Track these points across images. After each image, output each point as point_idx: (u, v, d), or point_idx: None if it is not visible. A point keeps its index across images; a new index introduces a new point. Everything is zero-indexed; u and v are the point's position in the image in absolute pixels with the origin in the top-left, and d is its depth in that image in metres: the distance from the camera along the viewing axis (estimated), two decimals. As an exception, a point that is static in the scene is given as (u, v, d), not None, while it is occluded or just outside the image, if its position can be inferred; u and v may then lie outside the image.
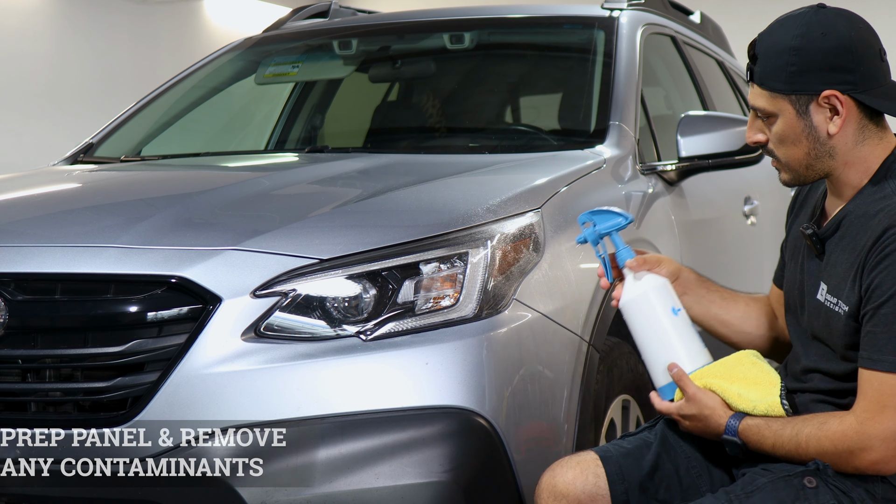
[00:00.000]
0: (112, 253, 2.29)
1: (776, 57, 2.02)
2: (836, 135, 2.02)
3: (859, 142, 2.04)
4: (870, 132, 2.04)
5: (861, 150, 2.04)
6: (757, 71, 2.05)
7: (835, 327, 2.02)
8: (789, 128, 2.04)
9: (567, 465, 2.13)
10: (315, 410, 2.15)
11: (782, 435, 2.00)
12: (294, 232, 2.35)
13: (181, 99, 3.97)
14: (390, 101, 4.25)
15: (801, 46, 2.00)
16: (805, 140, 2.03)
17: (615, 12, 3.70)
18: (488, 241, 2.33)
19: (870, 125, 2.04)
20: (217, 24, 8.52)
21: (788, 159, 2.07)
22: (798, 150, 2.05)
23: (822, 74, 1.99)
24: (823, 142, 2.03)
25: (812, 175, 2.08)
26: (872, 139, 2.04)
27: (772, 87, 2.03)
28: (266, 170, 3.29)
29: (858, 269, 1.97)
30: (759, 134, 2.09)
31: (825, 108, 2.01)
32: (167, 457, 2.16)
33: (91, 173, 3.32)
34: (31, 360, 2.26)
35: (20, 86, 6.96)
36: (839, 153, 2.04)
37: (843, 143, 2.03)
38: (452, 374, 2.19)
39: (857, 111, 2.02)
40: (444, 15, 4.13)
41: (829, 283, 2.04)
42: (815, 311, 2.08)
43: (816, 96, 2.00)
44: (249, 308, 2.20)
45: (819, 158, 2.05)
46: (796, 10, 2.05)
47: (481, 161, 3.06)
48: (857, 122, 2.02)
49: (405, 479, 2.13)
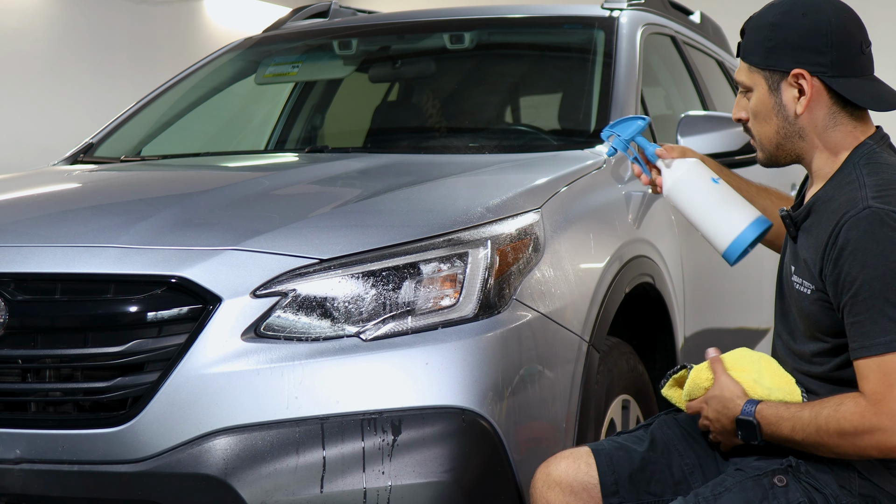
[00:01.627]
0: (112, 253, 2.29)
1: (757, 31, 2.09)
2: (803, 115, 2.07)
3: (829, 127, 2.07)
4: (842, 119, 2.08)
5: (832, 135, 2.08)
6: (742, 45, 2.12)
7: (802, 307, 2.07)
8: (762, 103, 2.10)
9: (561, 457, 2.18)
10: (315, 410, 2.15)
11: (801, 417, 1.98)
12: (294, 232, 2.35)
13: (181, 99, 3.97)
14: (390, 101, 4.25)
15: (779, 23, 2.06)
16: (775, 117, 2.09)
17: (615, 12, 3.70)
18: (488, 241, 2.33)
19: (842, 112, 2.07)
20: (217, 24, 8.52)
21: (761, 136, 2.14)
22: (769, 128, 2.11)
23: (794, 53, 2.05)
24: (791, 121, 2.08)
25: (783, 155, 2.13)
26: (845, 126, 2.08)
27: (750, 61, 2.10)
28: (266, 170, 3.29)
29: (820, 256, 2.00)
30: (742, 111, 2.16)
31: (794, 87, 2.06)
32: (167, 457, 2.16)
33: (91, 173, 3.32)
34: (31, 360, 2.26)
35: (20, 85, 6.96)
36: (808, 135, 2.08)
37: (811, 126, 2.08)
38: (452, 374, 2.19)
39: (827, 96, 2.06)
40: (444, 15, 4.13)
41: (797, 266, 2.09)
42: (789, 292, 2.13)
43: (787, 74, 2.06)
44: (249, 308, 2.20)
45: (788, 138, 2.10)
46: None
47: (481, 161, 3.06)
48: (828, 106, 2.07)
49: (405, 479, 2.13)
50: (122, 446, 2.18)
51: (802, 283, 2.06)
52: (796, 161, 2.13)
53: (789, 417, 2.00)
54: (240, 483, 2.12)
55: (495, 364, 2.24)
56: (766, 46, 2.07)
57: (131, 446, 2.18)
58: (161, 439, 2.17)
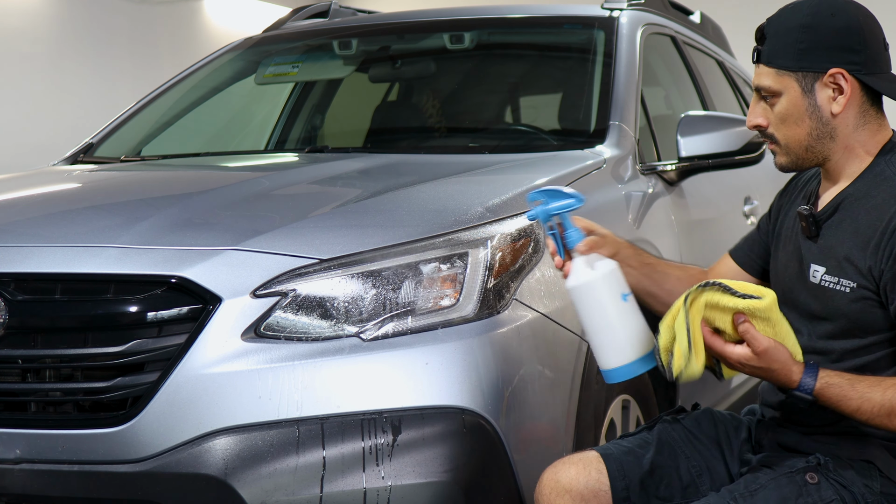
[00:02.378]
0: (112, 253, 2.29)
1: (786, 34, 2.06)
2: (839, 115, 2.05)
3: (859, 125, 2.07)
4: (870, 117, 2.08)
5: (860, 134, 2.08)
6: (765, 50, 2.08)
7: (837, 306, 2.04)
8: (793, 106, 2.07)
9: (569, 462, 2.14)
10: (315, 410, 2.15)
11: (872, 398, 1.94)
12: (294, 232, 2.35)
13: (181, 99, 3.97)
14: (390, 101, 4.25)
15: (811, 24, 2.04)
16: (808, 119, 2.07)
17: (615, 12, 3.70)
18: (488, 241, 2.33)
19: (871, 110, 2.08)
20: (217, 24, 8.52)
21: (789, 140, 2.10)
22: (800, 130, 2.08)
23: (829, 53, 2.03)
24: (826, 121, 2.06)
25: (811, 157, 2.10)
26: (872, 124, 2.08)
27: (779, 65, 2.06)
28: (266, 170, 3.29)
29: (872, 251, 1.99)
30: (761, 118, 2.11)
31: (830, 87, 2.05)
32: (167, 457, 2.16)
33: (91, 173, 3.32)
34: (31, 360, 2.26)
35: (20, 85, 6.96)
36: (840, 135, 2.07)
37: (844, 125, 2.06)
38: (452, 374, 2.19)
39: (861, 93, 2.06)
40: (444, 15, 4.13)
41: (828, 265, 2.06)
42: (812, 292, 2.09)
43: (822, 74, 2.04)
44: (249, 308, 2.20)
45: (820, 139, 2.07)
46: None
47: (481, 161, 3.06)
48: (860, 104, 2.06)
49: (405, 479, 2.13)
50: (122, 446, 2.18)
51: (839, 281, 2.03)
52: (821, 163, 2.11)
53: (856, 398, 1.95)
54: (240, 483, 2.12)
55: (495, 364, 2.24)
56: (798, 48, 2.04)
57: (131, 446, 2.18)
58: (161, 439, 2.17)
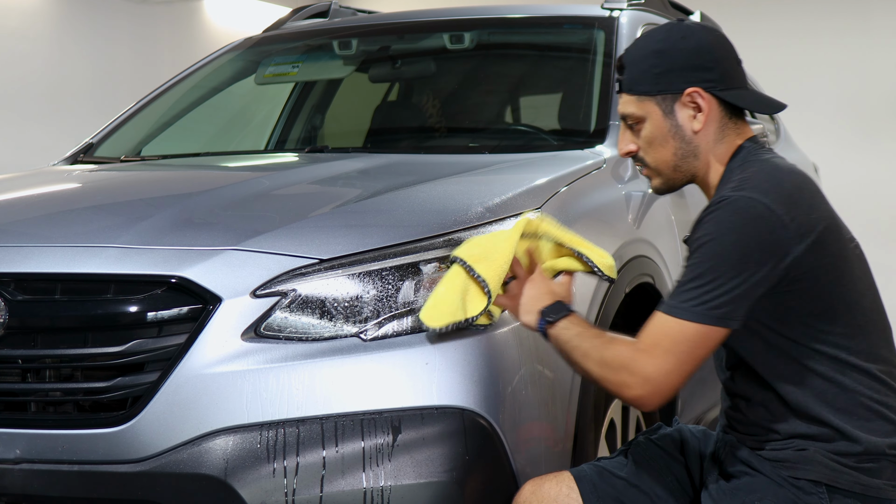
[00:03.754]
0: (112, 253, 2.29)
1: (641, 61, 2.14)
2: (700, 132, 2.12)
3: (719, 140, 2.13)
4: (728, 131, 2.14)
5: (720, 148, 2.14)
6: (625, 79, 2.17)
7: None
8: (657, 129, 2.14)
9: (545, 479, 2.19)
10: (315, 410, 2.15)
11: (580, 347, 2.06)
12: (294, 232, 2.34)
13: (181, 99, 3.97)
14: (390, 101, 4.25)
15: (663, 49, 2.12)
16: (672, 140, 2.13)
17: (615, 12, 3.70)
18: None
19: (729, 123, 2.14)
20: (217, 24, 8.52)
21: (657, 163, 2.17)
22: (666, 151, 2.15)
23: (684, 73, 2.11)
24: (689, 140, 2.13)
25: (679, 177, 2.17)
26: (730, 137, 2.14)
27: (639, 91, 2.14)
28: (266, 170, 3.29)
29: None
30: (631, 144, 2.19)
31: (689, 106, 2.12)
32: (167, 457, 2.16)
33: (91, 173, 3.32)
34: (31, 360, 2.26)
35: (20, 86, 6.96)
36: (702, 152, 2.14)
37: (705, 142, 2.13)
38: (452, 374, 2.19)
39: (719, 109, 2.13)
40: (444, 15, 4.13)
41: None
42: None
43: (680, 95, 2.11)
44: (249, 308, 2.20)
45: (685, 158, 2.14)
46: (660, 25, 2.20)
47: (481, 161, 3.06)
48: (719, 120, 2.13)
49: (405, 479, 2.13)
50: (122, 446, 2.18)
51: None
52: (691, 181, 2.18)
53: (577, 346, 2.07)
54: (240, 483, 2.12)
55: (495, 364, 2.24)
56: (654, 73, 2.12)
57: (131, 446, 2.18)
58: (161, 439, 2.17)
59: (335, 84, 4.46)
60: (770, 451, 2.05)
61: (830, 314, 2.01)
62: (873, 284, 2.12)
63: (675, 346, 1.97)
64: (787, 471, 2.02)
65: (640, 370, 1.97)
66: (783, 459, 2.03)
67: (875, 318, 2.07)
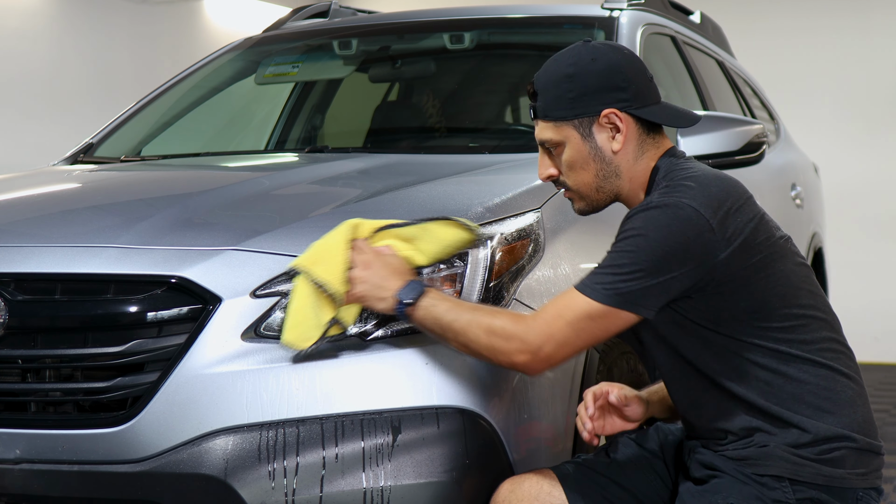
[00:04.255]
0: (112, 253, 2.29)
1: (554, 87, 2.15)
2: (620, 151, 2.14)
3: (639, 156, 2.16)
4: (647, 147, 2.16)
5: (640, 164, 2.16)
6: (539, 106, 2.17)
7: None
8: (576, 152, 2.15)
9: (524, 477, 2.19)
10: (315, 410, 2.15)
11: (459, 320, 2.08)
12: (294, 232, 2.35)
13: (181, 99, 3.97)
14: (390, 101, 4.25)
15: (574, 73, 2.13)
16: (592, 162, 2.15)
17: (615, 12, 3.70)
18: (488, 241, 2.33)
19: (647, 139, 2.17)
20: (217, 24, 8.52)
21: (579, 185, 2.19)
22: (587, 174, 2.17)
23: (598, 95, 2.12)
24: (609, 160, 2.15)
25: (603, 198, 2.19)
26: (650, 152, 2.17)
27: (556, 117, 2.15)
28: (266, 170, 3.29)
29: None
30: (551, 168, 2.21)
31: (606, 127, 2.14)
32: (167, 457, 2.16)
33: (91, 173, 3.32)
34: (31, 360, 2.26)
35: (20, 86, 6.95)
36: (623, 171, 2.16)
37: (625, 160, 2.15)
38: (452, 374, 2.19)
39: (636, 127, 2.15)
40: (444, 15, 4.12)
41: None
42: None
43: (597, 116, 2.13)
44: (249, 308, 2.20)
45: (607, 178, 2.16)
46: (566, 48, 2.19)
47: (481, 161, 3.06)
48: (637, 137, 2.15)
49: (405, 479, 2.13)
50: (122, 446, 2.18)
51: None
52: (614, 200, 2.20)
53: (449, 321, 2.09)
54: (240, 483, 2.12)
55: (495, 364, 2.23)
56: (568, 98, 2.13)
57: (131, 446, 2.18)
58: (161, 439, 2.17)
59: (335, 84, 4.46)
60: (733, 451, 2.07)
61: (765, 309, 2.04)
62: (809, 275, 2.14)
63: (578, 321, 2.02)
64: (750, 468, 2.04)
65: (534, 338, 2.03)
66: (745, 457, 2.05)
67: (816, 306, 2.10)
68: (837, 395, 2.04)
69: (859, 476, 2.03)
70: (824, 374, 2.05)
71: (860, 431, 2.04)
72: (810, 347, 2.05)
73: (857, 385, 2.09)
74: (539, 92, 2.17)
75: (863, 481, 2.03)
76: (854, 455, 2.03)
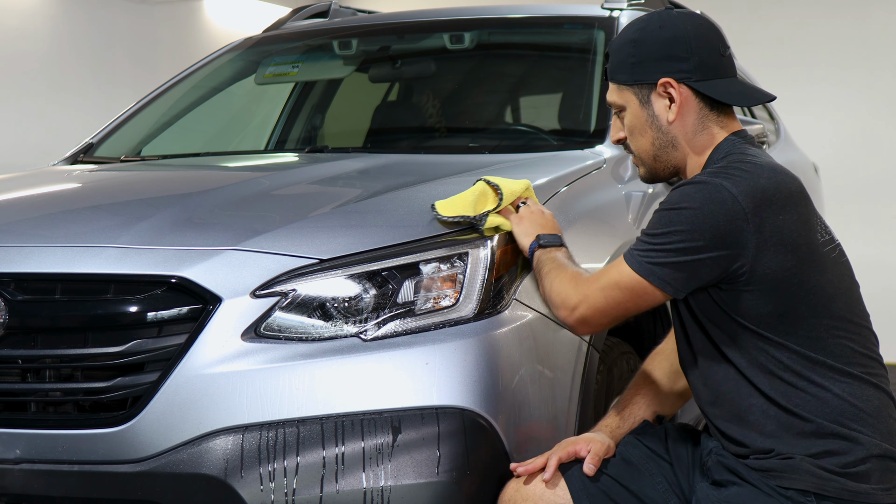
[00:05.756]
0: (112, 253, 2.29)
1: (620, 51, 2.16)
2: (675, 122, 2.13)
3: (699, 131, 2.13)
4: (709, 122, 2.14)
5: (700, 139, 2.14)
6: (609, 68, 2.19)
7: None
8: (636, 118, 2.17)
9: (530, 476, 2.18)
10: (315, 410, 2.15)
11: (550, 273, 2.22)
12: (294, 232, 2.35)
13: (181, 99, 3.97)
14: (390, 101, 4.25)
15: (639, 38, 2.13)
16: (649, 129, 2.15)
17: (615, 12, 3.70)
18: (488, 241, 2.33)
19: (710, 115, 2.14)
20: (217, 24, 8.52)
21: (639, 151, 2.20)
22: (645, 141, 2.17)
23: (658, 63, 2.12)
24: (665, 130, 2.14)
25: (661, 167, 2.19)
26: (712, 129, 2.14)
27: (619, 80, 2.17)
28: (266, 170, 3.29)
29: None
30: (620, 132, 2.22)
31: (663, 96, 2.13)
32: (167, 457, 2.16)
33: (91, 173, 3.32)
34: (31, 360, 2.26)
35: (20, 85, 6.95)
36: (681, 143, 2.14)
37: (683, 133, 2.14)
38: (452, 374, 2.19)
39: (696, 100, 2.13)
40: (444, 15, 4.13)
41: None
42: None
43: (654, 85, 2.12)
44: (249, 308, 2.20)
45: (663, 148, 2.16)
46: (648, 13, 2.22)
47: (481, 161, 3.06)
48: (697, 111, 2.13)
49: (405, 479, 2.13)
50: (122, 446, 2.18)
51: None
52: (674, 173, 2.20)
53: (550, 270, 2.22)
54: (240, 483, 2.12)
55: (495, 364, 2.24)
56: (630, 63, 2.14)
57: (131, 446, 2.18)
58: (161, 439, 2.17)
59: (335, 84, 4.46)
60: (755, 461, 2.04)
61: (793, 315, 2.01)
62: (850, 287, 2.10)
63: (610, 288, 2.08)
64: (775, 480, 2.00)
65: (574, 299, 2.14)
66: (769, 469, 2.02)
67: (850, 318, 2.06)
68: (864, 405, 2.01)
69: (884, 491, 2.00)
70: (854, 389, 2.01)
71: (886, 442, 2.01)
72: (838, 356, 2.02)
73: (886, 395, 2.05)
74: (610, 54, 2.19)
75: (887, 496, 2.00)
76: (879, 470, 1.99)
